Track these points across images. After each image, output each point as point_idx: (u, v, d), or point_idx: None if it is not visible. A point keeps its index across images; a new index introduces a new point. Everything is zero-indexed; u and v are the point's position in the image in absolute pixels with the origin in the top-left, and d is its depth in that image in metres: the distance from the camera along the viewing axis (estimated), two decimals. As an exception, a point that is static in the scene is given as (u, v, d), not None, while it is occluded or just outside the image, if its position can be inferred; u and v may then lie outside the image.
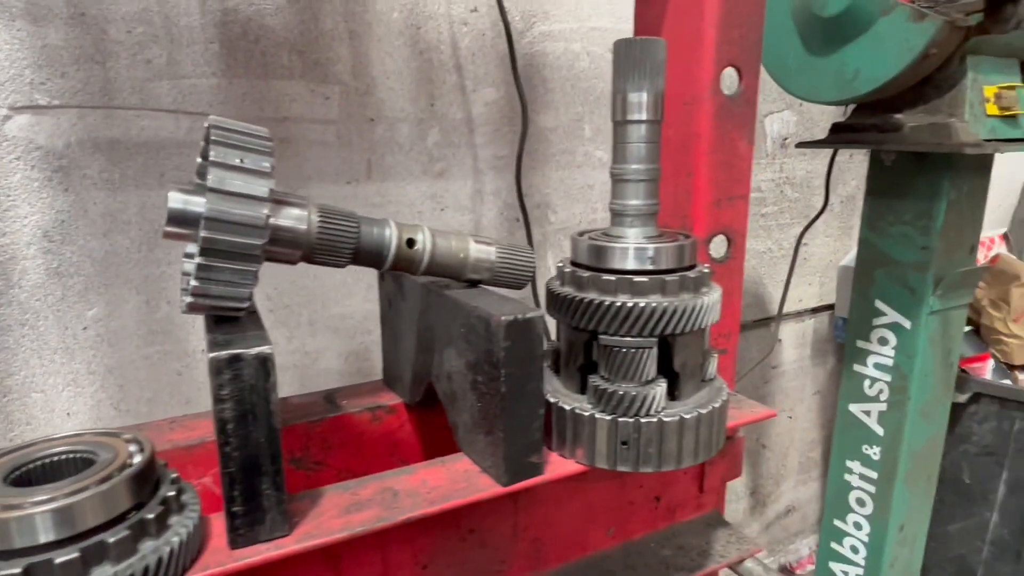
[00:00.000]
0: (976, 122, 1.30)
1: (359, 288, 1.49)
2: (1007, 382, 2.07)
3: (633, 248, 0.77)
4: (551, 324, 0.85)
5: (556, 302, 0.80)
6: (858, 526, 1.72)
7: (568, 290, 0.79)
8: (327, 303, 1.47)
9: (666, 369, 0.79)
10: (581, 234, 0.83)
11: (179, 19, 1.21)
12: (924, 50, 1.18)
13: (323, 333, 1.48)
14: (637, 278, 0.74)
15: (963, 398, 2.03)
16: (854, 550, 1.74)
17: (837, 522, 1.76)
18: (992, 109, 1.34)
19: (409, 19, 1.43)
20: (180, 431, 0.88)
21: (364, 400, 0.98)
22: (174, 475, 0.63)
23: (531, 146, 1.65)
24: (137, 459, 0.59)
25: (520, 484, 0.74)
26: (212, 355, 0.57)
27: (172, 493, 0.60)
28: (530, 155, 1.65)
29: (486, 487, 0.73)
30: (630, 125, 0.77)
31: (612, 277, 0.75)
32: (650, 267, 0.76)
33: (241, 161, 0.60)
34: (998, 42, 1.27)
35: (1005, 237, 2.67)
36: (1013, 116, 1.36)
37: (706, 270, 0.79)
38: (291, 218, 0.68)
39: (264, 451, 0.61)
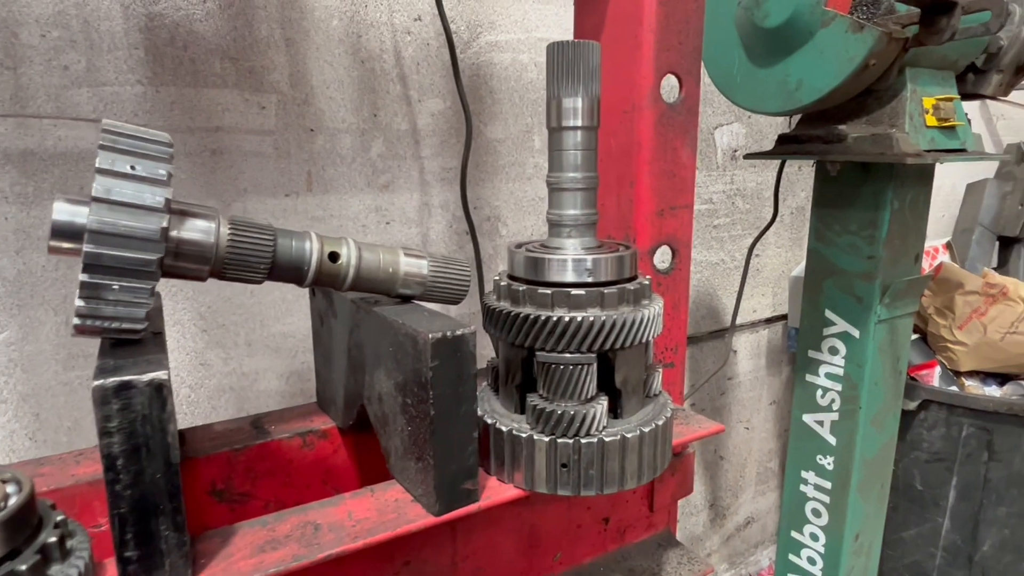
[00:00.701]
0: (916, 133, 1.32)
1: (301, 304, 1.43)
2: (954, 388, 2.11)
3: (570, 260, 0.74)
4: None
5: (492, 318, 0.76)
6: (815, 537, 1.71)
7: (504, 305, 0.75)
8: (266, 321, 1.40)
9: (607, 386, 0.76)
10: (518, 246, 0.79)
11: (99, 23, 1.14)
12: (864, 61, 1.19)
13: (262, 353, 1.41)
14: (574, 291, 0.71)
15: (912, 405, 2.05)
16: (811, 561, 1.73)
17: (794, 534, 1.75)
18: (931, 120, 1.36)
19: (350, 27, 1.38)
20: (87, 464, 0.81)
21: (294, 425, 0.92)
22: (59, 517, 0.57)
23: (480, 158, 1.61)
24: (12, 501, 0.53)
25: (453, 513, 0.69)
26: (96, 383, 0.51)
27: (54, 539, 0.54)
28: (479, 167, 1.62)
29: (417, 518, 0.68)
30: (565, 132, 0.74)
31: (548, 290, 0.72)
32: (588, 279, 0.73)
33: (133, 168, 0.54)
34: (934, 54, 1.29)
35: (948, 246, 2.74)
36: (951, 127, 1.38)
37: (646, 281, 0.76)
38: (197, 230, 0.62)
39: (161, 488, 0.55)
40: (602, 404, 0.73)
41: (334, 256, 0.71)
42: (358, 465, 0.96)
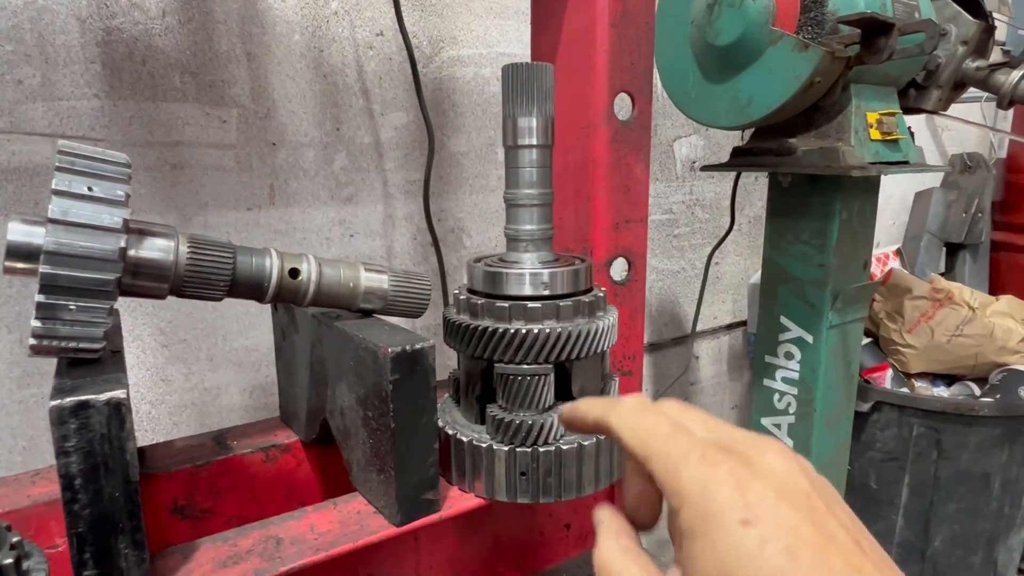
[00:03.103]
0: (861, 146, 1.38)
1: (263, 318, 1.43)
2: (905, 390, 2.19)
3: (527, 274, 0.76)
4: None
5: (452, 331, 0.78)
6: (774, 537, 1.75)
7: (463, 318, 0.77)
8: (228, 335, 1.40)
9: (565, 395, 0.78)
10: (477, 260, 0.81)
11: (55, 38, 1.13)
12: (809, 78, 1.24)
13: (224, 367, 1.40)
14: (531, 304, 0.73)
15: (866, 407, 2.12)
16: (772, 561, 1.77)
17: (755, 535, 1.79)
18: (875, 134, 1.42)
19: (311, 42, 1.39)
20: (43, 484, 0.80)
21: (257, 439, 0.92)
22: (15, 538, 0.57)
23: (443, 171, 1.63)
24: (-33, 524, 0.53)
25: (414, 524, 0.70)
26: (53, 403, 0.52)
27: (10, 560, 0.53)
28: (443, 180, 1.64)
29: (378, 529, 0.70)
30: (521, 150, 0.77)
31: (506, 304, 0.74)
32: (544, 292, 0.75)
33: (89, 189, 0.55)
34: (876, 72, 1.35)
35: (899, 253, 2.84)
36: (894, 140, 1.45)
37: (601, 293, 0.79)
38: (155, 249, 0.63)
39: (120, 506, 0.56)
40: (559, 413, 0.75)
41: (294, 272, 0.72)
42: (321, 478, 0.96)
